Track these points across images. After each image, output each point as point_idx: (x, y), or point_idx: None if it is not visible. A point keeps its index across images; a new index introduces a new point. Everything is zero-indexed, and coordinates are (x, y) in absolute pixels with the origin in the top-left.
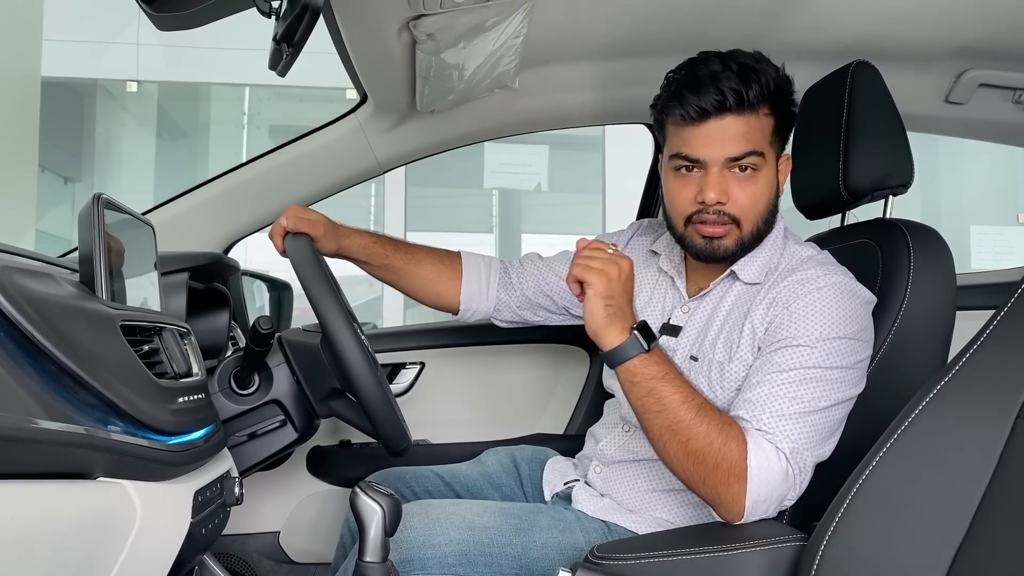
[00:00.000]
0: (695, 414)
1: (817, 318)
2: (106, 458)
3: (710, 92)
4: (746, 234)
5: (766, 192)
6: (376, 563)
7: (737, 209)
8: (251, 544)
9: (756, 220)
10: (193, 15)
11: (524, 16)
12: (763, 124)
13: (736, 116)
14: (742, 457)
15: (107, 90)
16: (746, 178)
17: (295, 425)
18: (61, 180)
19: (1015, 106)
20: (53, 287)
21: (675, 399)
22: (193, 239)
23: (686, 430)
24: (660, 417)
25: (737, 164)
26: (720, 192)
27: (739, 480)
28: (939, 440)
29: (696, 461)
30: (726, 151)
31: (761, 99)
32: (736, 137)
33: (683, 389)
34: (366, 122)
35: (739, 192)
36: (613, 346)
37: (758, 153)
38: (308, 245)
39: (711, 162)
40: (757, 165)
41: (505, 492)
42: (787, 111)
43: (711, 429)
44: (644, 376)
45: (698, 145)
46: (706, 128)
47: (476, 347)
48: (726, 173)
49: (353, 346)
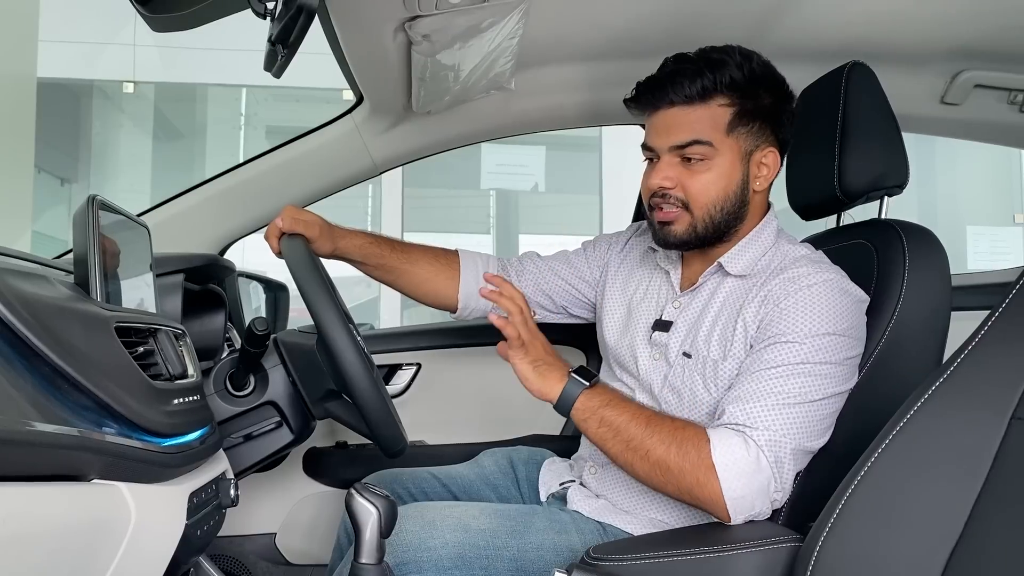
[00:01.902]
0: (644, 427)
1: (806, 315)
2: (100, 460)
3: (661, 87)
4: (698, 220)
5: (719, 181)
6: (372, 565)
7: (685, 194)
8: (247, 546)
9: (708, 208)
10: (188, 16)
11: (520, 17)
12: (714, 114)
13: (682, 107)
14: (704, 456)
15: (103, 91)
16: (696, 167)
17: (291, 427)
18: (57, 181)
19: (1010, 107)
20: (47, 289)
21: (622, 419)
22: (189, 240)
23: (640, 445)
24: (616, 440)
25: (683, 154)
26: (663, 178)
27: (709, 479)
28: (935, 440)
29: (661, 470)
30: (670, 140)
31: (711, 90)
32: (680, 127)
33: (628, 409)
34: (362, 123)
35: (688, 179)
36: (558, 395)
37: (703, 142)
38: (304, 246)
39: (659, 150)
40: (705, 155)
41: (501, 493)
42: (758, 103)
43: (664, 437)
44: (590, 409)
45: (650, 135)
46: (655, 119)
47: (472, 348)
48: (675, 162)
49: (349, 347)
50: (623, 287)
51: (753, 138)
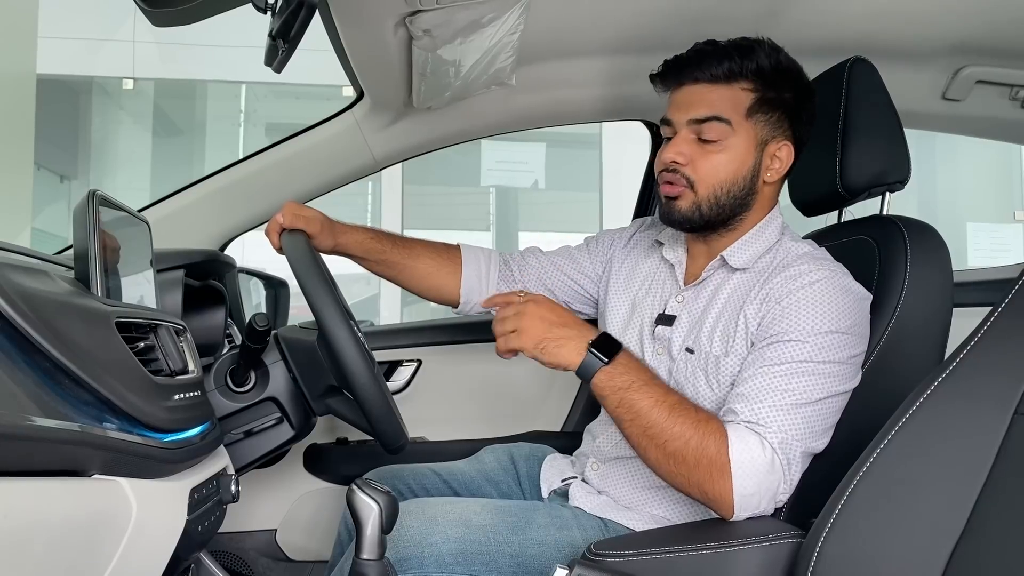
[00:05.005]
0: (667, 416)
1: (809, 313)
2: (101, 455)
3: (689, 63)
4: (702, 200)
5: (730, 164)
6: (373, 560)
7: (694, 172)
8: (248, 542)
9: (715, 189)
10: (189, 11)
11: (521, 12)
12: (736, 97)
13: (706, 85)
14: (722, 452)
15: (103, 87)
16: (711, 147)
17: (291, 422)
18: (57, 178)
19: (1012, 103)
20: (48, 284)
21: (645, 405)
22: (189, 236)
23: (660, 433)
24: (634, 424)
25: (700, 130)
26: (677, 153)
27: (722, 475)
28: (937, 436)
29: (676, 462)
30: (690, 113)
31: (737, 74)
32: (701, 103)
33: (653, 394)
34: (363, 119)
35: (700, 158)
36: (575, 367)
37: (722, 120)
38: (305, 242)
39: (677, 124)
40: (722, 134)
41: (503, 489)
42: (780, 95)
43: (686, 429)
44: (611, 388)
45: (671, 109)
46: (677, 94)
47: (473, 344)
48: (691, 139)
49: (350, 343)
50: (627, 281)
51: (771, 128)
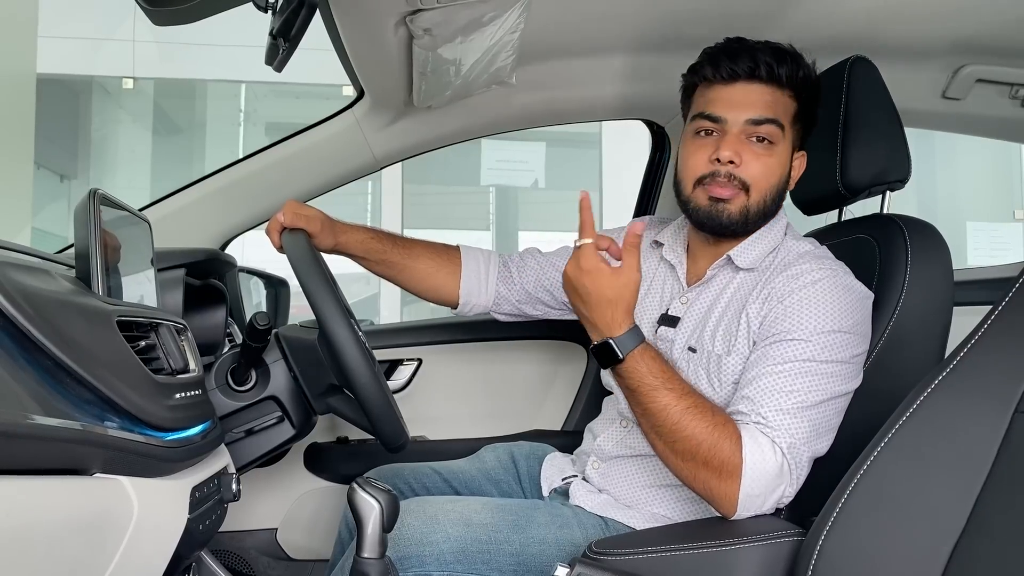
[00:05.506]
0: (682, 414)
1: (812, 312)
2: (102, 454)
3: (744, 59)
4: (752, 204)
5: (778, 170)
6: (374, 559)
7: (749, 175)
8: (248, 541)
9: (765, 193)
10: (189, 10)
11: (521, 11)
12: (786, 103)
13: (764, 85)
14: (736, 453)
15: (103, 87)
16: (762, 149)
17: (292, 421)
18: (57, 177)
19: (1012, 101)
20: (49, 283)
21: (662, 402)
22: (190, 235)
23: (673, 431)
24: (648, 419)
25: (756, 131)
26: (734, 153)
27: (732, 476)
28: (937, 434)
29: (686, 459)
30: (748, 113)
31: (790, 80)
32: (760, 103)
33: (672, 392)
34: (363, 118)
35: (753, 160)
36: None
37: (778, 123)
38: (305, 241)
39: (732, 122)
40: (775, 138)
41: (503, 488)
42: (810, 106)
43: (701, 429)
44: (622, 386)
45: (722, 105)
46: (733, 89)
47: (474, 343)
48: (743, 139)
49: (350, 342)
50: None
51: (799, 138)
